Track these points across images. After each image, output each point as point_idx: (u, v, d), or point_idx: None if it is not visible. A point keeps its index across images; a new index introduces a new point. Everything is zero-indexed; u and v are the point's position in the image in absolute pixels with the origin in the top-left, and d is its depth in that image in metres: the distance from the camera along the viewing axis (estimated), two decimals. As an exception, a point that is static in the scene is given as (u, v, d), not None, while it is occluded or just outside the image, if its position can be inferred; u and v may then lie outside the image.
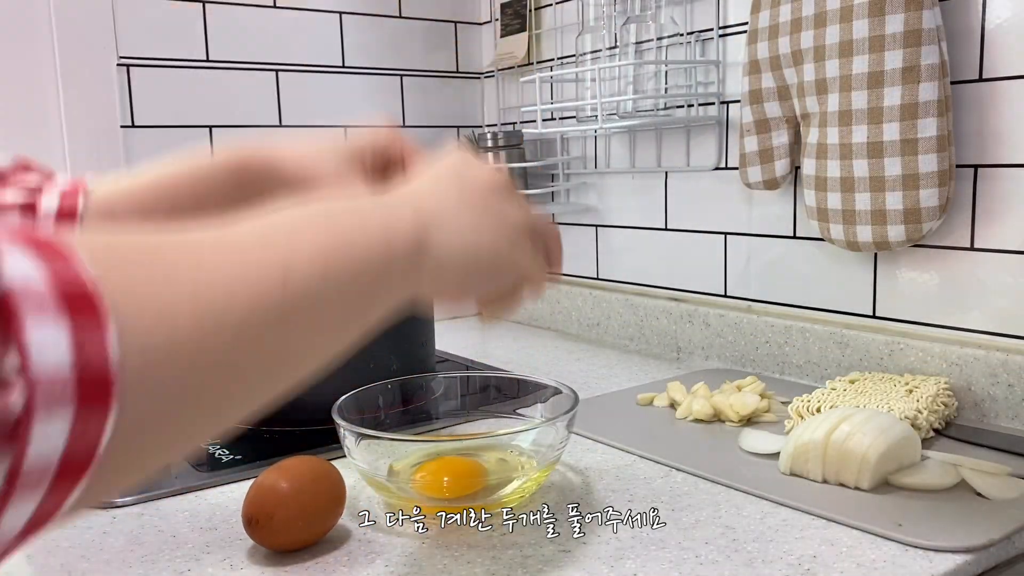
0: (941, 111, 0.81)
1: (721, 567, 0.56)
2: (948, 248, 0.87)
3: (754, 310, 1.07)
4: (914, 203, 0.84)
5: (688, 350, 1.14)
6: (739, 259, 1.09)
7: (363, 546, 0.60)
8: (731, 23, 1.06)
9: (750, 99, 0.98)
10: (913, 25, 0.81)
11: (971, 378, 0.85)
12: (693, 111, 1.11)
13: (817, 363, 0.98)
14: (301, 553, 0.59)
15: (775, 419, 0.84)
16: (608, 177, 1.27)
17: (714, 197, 1.11)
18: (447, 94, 1.46)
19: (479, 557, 0.58)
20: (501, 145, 1.29)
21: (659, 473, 0.72)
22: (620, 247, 1.26)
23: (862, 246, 0.89)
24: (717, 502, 0.66)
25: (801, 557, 0.57)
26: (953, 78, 0.83)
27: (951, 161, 0.82)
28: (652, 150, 1.19)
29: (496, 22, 1.43)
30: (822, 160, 0.90)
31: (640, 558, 0.57)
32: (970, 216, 0.85)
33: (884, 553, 0.57)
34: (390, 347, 0.91)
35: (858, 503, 0.64)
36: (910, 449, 0.68)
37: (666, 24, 1.11)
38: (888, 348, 0.91)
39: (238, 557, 0.59)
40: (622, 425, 0.84)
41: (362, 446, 0.66)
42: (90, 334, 0.23)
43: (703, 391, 0.89)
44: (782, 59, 0.93)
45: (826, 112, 0.89)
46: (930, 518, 0.61)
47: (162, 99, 1.19)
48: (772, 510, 0.64)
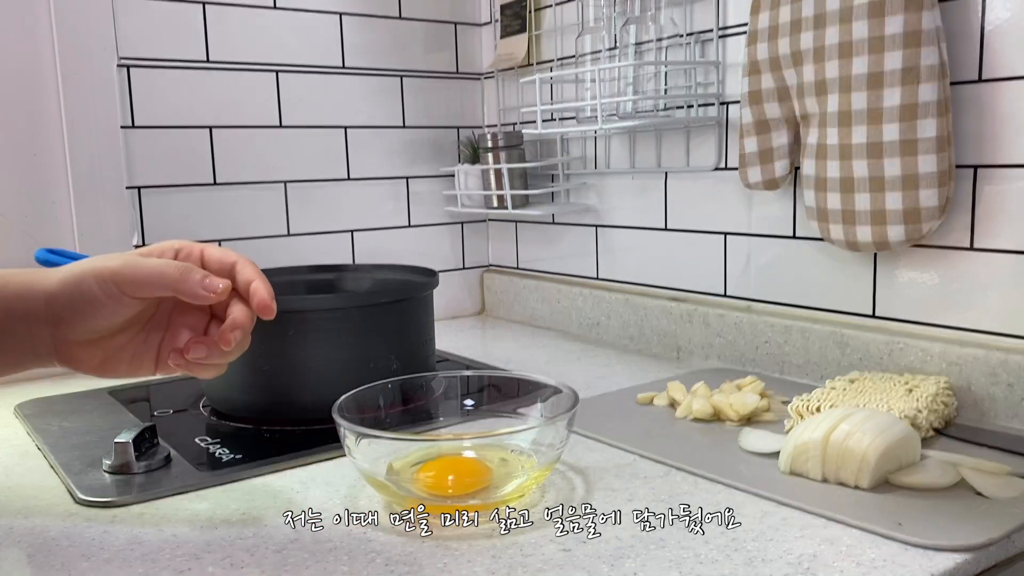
0: (941, 112, 0.81)
1: (721, 566, 0.56)
2: (948, 248, 0.88)
3: (754, 310, 1.07)
4: (914, 203, 0.84)
5: (688, 350, 1.14)
6: (739, 259, 1.09)
7: (363, 545, 0.60)
8: (731, 24, 1.06)
9: (750, 100, 0.98)
10: (913, 26, 0.81)
11: (971, 378, 0.85)
12: (693, 112, 1.11)
13: (817, 363, 0.99)
14: (301, 553, 0.59)
15: (775, 419, 0.84)
16: (608, 177, 1.27)
17: (714, 198, 1.11)
18: (447, 95, 1.46)
19: (479, 557, 0.58)
20: (501, 146, 1.29)
21: (659, 472, 0.73)
22: (620, 247, 1.27)
23: (862, 246, 0.89)
24: (717, 501, 0.66)
25: (801, 556, 0.57)
26: (953, 79, 0.84)
27: (951, 161, 0.83)
28: (652, 151, 1.19)
29: (496, 23, 1.43)
30: (822, 161, 0.90)
31: (640, 557, 0.57)
32: (970, 216, 0.85)
33: (884, 552, 0.57)
34: (390, 347, 0.91)
35: (858, 502, 0.64)
36: (910, 448, 0.68)
37: (666, 25, 1.11)
38: (888, 348, 0.91)
39: (238, 557, 0.59)
40: (622, 424, 0.84)
41: (362, 445, 0.66)
42: None
43: (703, 391, 0.89)
44: (782, 60, 0.93)
45: (826, 113, 0.89)
46: (930, 517, 0.61)
47: (162, 100, 1.19)
48: (772, 509, 0.64)
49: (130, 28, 1.16)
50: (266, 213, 1.29)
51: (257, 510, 0.67)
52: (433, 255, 1.47)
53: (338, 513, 0.66)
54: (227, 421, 0.89)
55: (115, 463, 0.74)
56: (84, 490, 0.70)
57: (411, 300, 0.95)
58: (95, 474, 0.74)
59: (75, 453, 0.79)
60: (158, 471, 0.74)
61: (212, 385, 0.92)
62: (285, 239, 1.31)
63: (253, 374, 0.87)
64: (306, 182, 1.33)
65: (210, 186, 1.24)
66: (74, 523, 0.65)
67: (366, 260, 1.38)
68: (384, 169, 1.40)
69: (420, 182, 1.44)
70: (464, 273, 1.52)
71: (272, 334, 0.86)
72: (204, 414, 0.93)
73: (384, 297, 0.92)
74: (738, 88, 1.03)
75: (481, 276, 1.54)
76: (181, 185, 1.21)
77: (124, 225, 1.17)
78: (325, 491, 0.71)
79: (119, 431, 0.77)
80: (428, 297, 0.98)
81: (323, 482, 0.73)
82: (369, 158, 1.38)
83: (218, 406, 0.92)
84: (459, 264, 1.51)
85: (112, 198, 1.15)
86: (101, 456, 0.76)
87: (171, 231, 1.21)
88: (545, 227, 1.41)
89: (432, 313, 0.99)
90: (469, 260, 1.52)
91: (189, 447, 0.81)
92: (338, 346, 0.88)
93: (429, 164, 1.45)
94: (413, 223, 1.45)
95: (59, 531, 0.64)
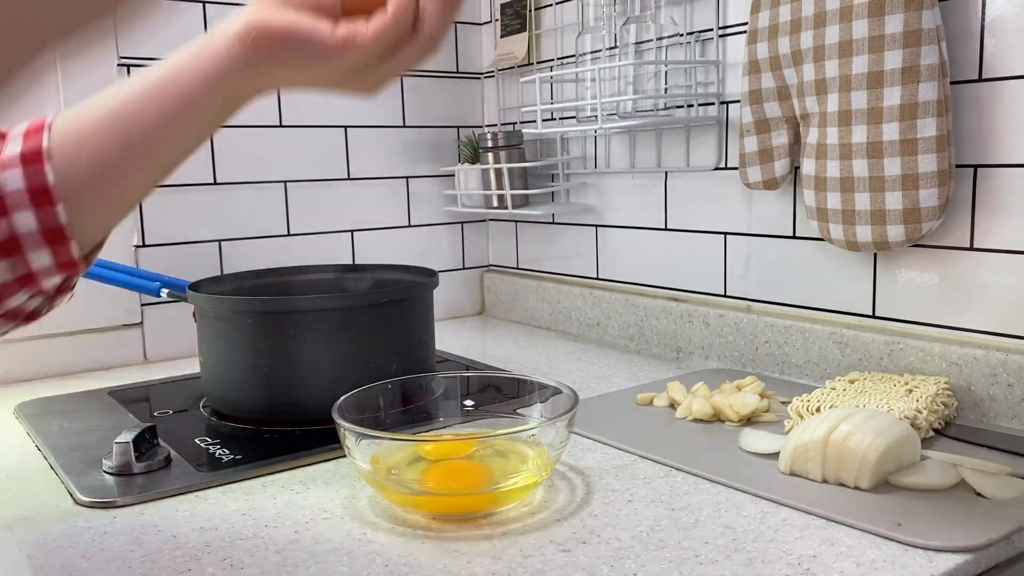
0: (941, 111, 0.81)
1: (721, 567, 0.56)
2: (948, 248, 0.88)
3: (754, 310, 1.07)
4: (914, 203, 0.84)
5: (688, 350, 1.14)
6: (739, 259, 1.09)
7: (363, 546, 0.60)
8: (731, 23, 1.06)
9: (750, 99, 0.98)
10: (913, 25, 0.81)
11: (971, 378, 0.85)
12: (693, 111, 1.11)
13: (817, 363, 0.98)
14: (301, 553, 0.59)
15: (775, 419, 0.84)
16: (608, 177, 1.27)
17: (714, 197, 1.11)
18: (447, 94, 1.46)
19: (479, 557, 0.58)
20: (501, 145, 1.29)
21: (659, 473, 0.73)
22: (620, 247, 1.27)
23: (862, 246, 0.89)
24: (717, 502, 0.66)
25: (801, 557, 0.57)
26: (953, 78, 0.84)
27: (951, 161, 0.83)
28: (652, 150, 1.19)
29: (496, 22, 1.43)
30: (822, 160, 0.90)
31: (640, 558, 0.57)
32: (970, 216, 0.85)
33: (884, 553, 0.57)
34: (390, 347, 0.91)
35: (858, 503, 0.64)
36: (910, 449, 0.68)
37: (666, 24, 1.11)
38: (888, 348, 0.91)
39: (238, 558, 0.59)
40: (622, 425, 0.84)
41: (362, 446, 0.66)
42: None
43: (703, 391, 0.89)
44: (782, 59, 0.93)
45: (826, 112, 0.89)
46: (930, 518, 0.61)
47: (162, 99, 1.19)
48: (772, 510, 0.64)
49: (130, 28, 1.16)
50: (266, 213, 1.29)
51: (257, 511, 0.67)
52: (433, 255, 1.47)
53: (338, 513, 0.66)
54: (227, 422, 0.89)
55: (115, 464, 0.74)
56: (84, 491, 0.70)
57: (411, 300, 0.95)
58: (95, 475, 0.74)
59: (75, 454, 0.79)
60: (158, 472, 0.74)
61: (212, 385, 0.92)
62: (285, 239, 1.31)
63: (253, 374, 0.87)
64: (306, 182, 1.32)
65: (210, 186, 1.24)
66: (74, 524, 0.65)
67: (366, 260, 1.38)
68: (384, 169, 1.40)
69: (420, 182, 1.44)
70: (464, 273, 1.52)
71: (272, 334, 0.86)
72: (204, 414, 0.93)
73: (384, 297, 0.92)
74: (738, 87, 1.03)
75: (481, 276, 1.54)
76: (181, 185, 1.21)
77: (124, 225, 1.17)
78: (325, 491, 0.71)
79: (119, 431, 0.77)
80: (428, 297, 0.98)
81: (323, 482, 0.73)
82: (369, 158, 1.38)
83: (218, 406, 0.92)
84: (459, 264, 1.51)
85: (112, 198, 1.15)
86: (101, 456, 0.76)
87: (171, 231, 1.21)
88: (545, 227, 1.41)
89: (432, 313, 0.99)
90: (469, 260, 1.52)
91: (189, 447, 0.81)
92: (338, 346, 0.88)
93: (429, 164, 1.45)
94: (413, 223, 1.45)
95: (59, 532, 0.64)
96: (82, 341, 1.16)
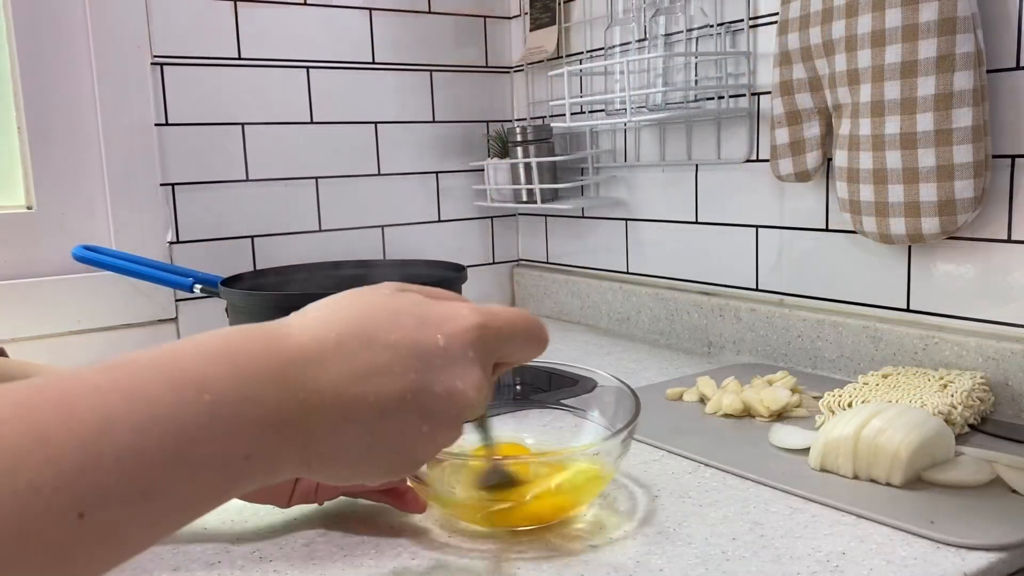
0: (976, 100, 0.79)
1: (748, 563, 0.55)
2: (984, 240, 0.86)
3: (786, 304, 1.06)
4: (949, 195, 0.82)
5: (719, 344, 1.13)
6: (771, 252, 1.08)
7: (390, 541, 0.61)
8: (761, 14, 1.05)
9: (781, 90, 0.97)
10: (948, 13, 0.79)
11: (1008, 372, 0.83)
12: (723, 103, 1.10)
13: (850, 357, 0.97)
14: (329, 546, 0.60)
15: (806, 414, 0.83)
16: (638, 170, 1.26)
17: (745, 190, 1.10)
18: (477, 89, 1.46)
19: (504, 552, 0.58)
20: (530, 139, 1.29)
21: (687, 468, 0.72)
22: (650, 241, 1.26)
23: (895, 239, 0.88)
24: (746, 498, 0.65)
25: (830, 554, 0.56)
26: (989, 67, 0.82)
27: (987, 151, 0.81)
28: (682, 143, 1.18)
29: (525, 16, 1.42)
30: (854, 152, 0.89)
31: (667, 554, 0.57)
32: (1007, 207, 0.84)
33: (915, 550, 0.56)
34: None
35: (889, 499, 0.63)
36: (943, 445, 0.67)
37: (696, 15, 1.10)
38: (923, 342, 0.90)
39: (267, 550, 0.60)
40: (651, 420, 0.84)
41: None
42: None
43: (733, 386, 0.88)
44: (813, 50, 0.92)
45: (858, 103, 0.88)
46: (963, 515, 0.60)
47: (195, 97, 1.20)
48: (801, 506, 0.64)
49: (164, 27, 1.17)
50: (298, 209, 1.30)
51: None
52: (463, 250, 1.47)
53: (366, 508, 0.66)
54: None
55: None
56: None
57: (440, 295, 0.95)
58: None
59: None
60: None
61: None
62: (316, 235, 1.32)
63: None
64: (337, 178, 1.33)
65: (243, 182, 1.25)
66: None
67: (396, 255, 1.39)
68: (414, 164, 1.41)
69: (450, 177, 1.45)
70: (494, 268, 1.52)
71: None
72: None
73: (413, 292, 0.92)
74: (769, 79, 1.02)
75: (511, 270, 1.54)
76: (214, 182, 1.23)
77: (159, 222, 1.18)
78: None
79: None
80: (458, 292, 0.98)
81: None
82: (399, 153, 1.39)
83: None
84: (489, 259, 1.51)
85: (147, 195, 1.17)
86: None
87: (204, 227, 1.22)
88: (575, 221, 1.40)
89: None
90: (499, 255, 1.53)
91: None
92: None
93: (459, 158, 1.45)
94: (443, 218, 1.45)
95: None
96: (118, 336, 1.18)
